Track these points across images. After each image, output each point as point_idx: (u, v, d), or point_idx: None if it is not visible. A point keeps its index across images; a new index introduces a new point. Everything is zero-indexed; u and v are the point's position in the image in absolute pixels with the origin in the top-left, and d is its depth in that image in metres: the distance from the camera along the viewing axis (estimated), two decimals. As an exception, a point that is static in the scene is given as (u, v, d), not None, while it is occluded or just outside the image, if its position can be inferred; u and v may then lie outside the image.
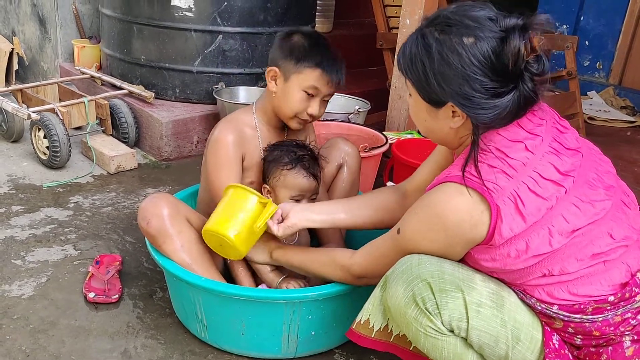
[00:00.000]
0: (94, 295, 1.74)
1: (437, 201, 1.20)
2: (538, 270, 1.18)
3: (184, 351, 1.59)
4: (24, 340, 1.58)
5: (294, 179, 1.65)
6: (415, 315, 1.20)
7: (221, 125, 1.70)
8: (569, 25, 4.60)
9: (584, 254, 1.17)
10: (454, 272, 1.21)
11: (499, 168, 1.16)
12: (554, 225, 1.15)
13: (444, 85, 1.16)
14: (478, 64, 1.12)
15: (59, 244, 2.04)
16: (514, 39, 1.10)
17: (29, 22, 3.64)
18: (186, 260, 1.56)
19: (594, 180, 1.22)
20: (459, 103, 1.16)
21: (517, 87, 1.14)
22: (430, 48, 1.16)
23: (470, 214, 1.15)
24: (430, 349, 1.22)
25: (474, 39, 1.12)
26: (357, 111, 2.78)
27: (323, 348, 1.62)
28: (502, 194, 1.14)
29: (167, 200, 1.57)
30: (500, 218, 1.14)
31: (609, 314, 1.16)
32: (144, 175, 2.65)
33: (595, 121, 3.92)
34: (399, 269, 1.25)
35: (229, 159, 1.66)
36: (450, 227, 1.18)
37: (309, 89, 1.62)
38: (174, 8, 2.76)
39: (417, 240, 1.25)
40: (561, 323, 1.19)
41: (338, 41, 3.88)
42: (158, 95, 2.93)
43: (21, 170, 2.58)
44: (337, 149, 1.87)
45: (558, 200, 1.16)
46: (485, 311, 1.18)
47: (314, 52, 1.61)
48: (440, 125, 1.25)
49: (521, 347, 1.20)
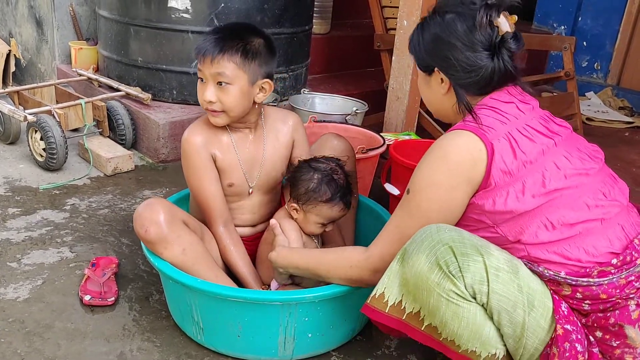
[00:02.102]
0: (89, 298, 1.73)
1: (440, 144, 1.33)
2: (538, 218, 1.26)
3: (180, 354, 1.59)
4: (19, 343, 1.57)
5: (331, 211, 1.66)
6: (438, 279, 1.23)
7: (190, 128, 1.69)
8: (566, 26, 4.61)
9: (579, 205, 1.27)
10: (472, 238, 1.26)
11: (493, 117, 1.32)
12: (547, 169, 1.28)
13: (430, 51, 1.40)
14: (455, 33, 1.34)
15: (55, 247, 2.04)
16: (480, 13, 1.31)
17: (26, 24, 3.64)
18: (188, 263, 1.55)
19: (581, 147, 1.37)
20: (440, 66, 1.38)
21: (492, 57, 1.33)
22: (424, 25, 1.42)
23: (469, 152, 1.28)
24: (450, 318, 1.24)
25: (454, 14, 1.36)
26: (354, 112, 2.78)
27: (320, 350, 1.62)
28: (497, 134, 1.29)
29: (162, 205, 1.56)
30: (496, 155, 1.26)
31: (613, 277, 1.23)
32: (141, 177, 2.64)
33: (594, 122, 3.92)
34: (418, 238, 1.29)
35: (200, 161, 1.66)
36: (453, 166, 1.29)
37: (198, 72, 1.63)
38: (171, 9, 2.75)
39: (424, 189, 1.33)
40: (569, 289, 1.25)
41: (335, 42, 3.90)
42: (155, 97, 2.92)
43: (17, 172, 2.57)
44: (330, 147, 1.85)
45: (549, 148, 1.30)
46: (503, 275, 1.22)
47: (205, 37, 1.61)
48: (435, 93, 1.44)
49: (535, 313, 1.23)
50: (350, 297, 1.54)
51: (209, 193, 1.67)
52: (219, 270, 1.63)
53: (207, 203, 1.68)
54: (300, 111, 2.78)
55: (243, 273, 1.68)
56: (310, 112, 2.71)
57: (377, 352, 1.65)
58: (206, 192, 1.67)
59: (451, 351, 1.28)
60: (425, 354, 1.64)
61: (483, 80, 1.35)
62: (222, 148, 1.69)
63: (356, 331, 1.68)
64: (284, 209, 1.75)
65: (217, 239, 1.70)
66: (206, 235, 1.70)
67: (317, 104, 3.06)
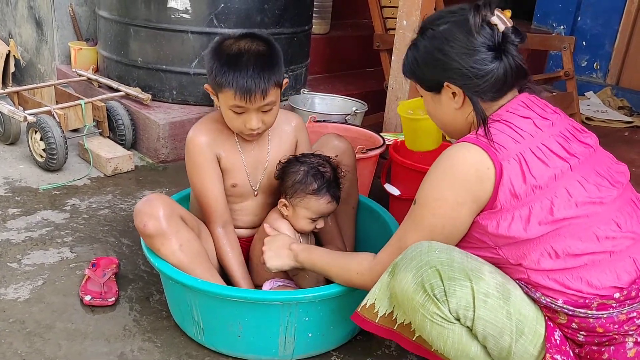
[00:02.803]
0: (90, 298, 1.73)
1: (447, 156, 1.29)
2: (542, 246, 1.21)
3: (180, 354, 1.59)
4: (20, 343, 1.58)
5: (318, 204, 1.66)
6: (422, 301, 1.21)
7: (195, 127, 1.69)
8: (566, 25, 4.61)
9: (588, 235, 1.21)
10: (463, 261, 1.23)
11: (506, 134, 1.25)
12: (557, 196, 1.21)
13: (434, 68, 1.34)
14: (457, 41, 1.29)
15: (55, 247, 2.04)
16: (471, 14, 1.28)
17: (25, 24, 3.64)
18: (185, 260, 1.55)
19: (602, 171, 1.29)
20: (450, 78, 1.32)
21: (500, 56, 1.28)
22: (419, 45, 1.37)
23: (476, 167, 1.23)
24: (436, 337, 1.23)
25: (447, 25, 1.32)
26: (354, 112, 2.78)
27: (320, 350, 1.62)
28: (508, 154, 1.23)
29: (162, 200, 1.57)
30: (505, 176, 1.21)
31: (614, 311, 1.17)
32: (141, 177, 2.64)
33: (593, 122, 3.92)
34: (408, 255, 1.27)
35: (204, 160, 1.66)
36: (459, 182, 1.25)
37: (234, 107, 1.57)
38: (170, 10, 2.75)
39: (430, 203, 1.30)
40: (565, 318, 1.21)
41: (335, 42, 3.90)
42: (155, 97, 2.92)
43: (18, 173, 2.57)
44: (331, 147, 1.85)
45: (563, 173, 1.23)
46: (492, 302, 1.19)
47: (228, 73, 1.52)
48: (447, 110, 1.38)
49: (524, 340, 1.21)
50: (351, 297, 1.54)
51: (211, 193, 1.67)
52: (213, 269, 1.64)
53: (208, 203, 1.68)
54: (300, 111, 2.78)
55: (236, 276, 1.68)
56: (310, 112, 2.72)
57: (377, 352, 1.65)
58: (208, 192, 1.68)
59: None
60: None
61: (498, 82, 1.29)
62: (226, 149, 1.69)
63: (356, 331, 1.68)
64: (276, 210, 1.74)
65: (215, 239, 1.70)
66: (203, 233, 1.70)
67: (316, 104, 3.06)
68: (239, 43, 1.56)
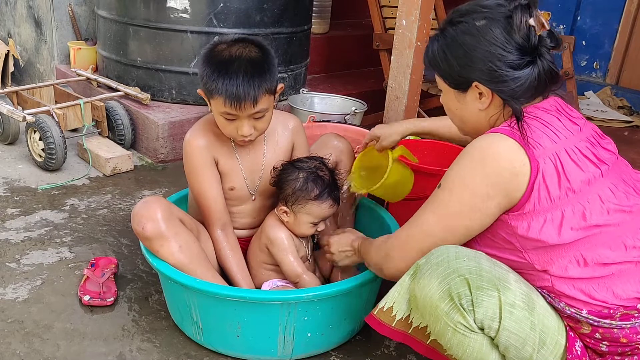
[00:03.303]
0: (89, 298, 1.73)
1: (480, 147, 1.22)
2: (571, 252, 1.18)
3: (179, 354, 1.58)
4: (18, 344, 1.57)
5: (320, 209, 1.64)
6: (447, 310, 1.18)
7: (193, 129, 1.69)
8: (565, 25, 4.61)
9: (617, 244, 1.19)
10: (491, 269, 1.19)
11: (542, 132, 1.20)
12: (590, 202, 1.18)
13: (465, 66, 1.26)
14: (492, 40, 1.22)
15: (54, 247, 2.03)
16: (518, 14, 1.21)
17: (24, 24, 3.63)
18: (184, 261, 1.55)
19: (627, 179, 1.28)
20: (481, 79, 1.25)
21: (535, 60, 1.23)
22: (448, 37, 1.28)
23: (511, 161, 1.17)
24: (456, 345, 1.20)
25: (485, 21, 1.23)
26: (353, 112, 2.78)
27: (319, 350, 1.62)
28: (544, 152, 1.18)
29: (160, 203, 1.56)
30: (540, 175, 1.17)
31: (636, 321, 1.16)
32: (140, 177, 2.64)
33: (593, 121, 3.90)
34: (433, 260, 1.22)
35: (202, 163, 1.66)
36: (491, 173, 1.19)
37: (224, 114, 1.55)
38: (169, 9, 2.75)
39: (456, 189, 1.23)
40: (589, 328, 1.19)
41: (335, 42, 3.90)
42: (154, 97, 2.92)
43: (16, 173, 2.57)
44: (330, 147, 1.85)
45: (595, 178, 1.20)
46: (517, 313, 1.16)
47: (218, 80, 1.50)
48: (470, 109, 1.31)
49: (545, 351, 1.19)
50: (350, 297, 1.54)
51: (210, 195, 1.67)
52: (213, 270, 1.63)
53: (207, 205, 1.68)
54: (299, 111, 2.78)
55: (237, 277, 1.67)
56: (310, 112, 2.71)
57: (376, 352, 1.65)
58: (207, 194, 1.67)
59: None
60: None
61: (532, 87, 1.24)
62: (223, 153, 1.69)
63: (355, 331, 1.68)
64: (273, 214, 1.72)
65: (214, 241, 1.70)
66: (202, 235, 1.70)
67: (316, 104, 3.06)
68: (230, 49, 1.53)
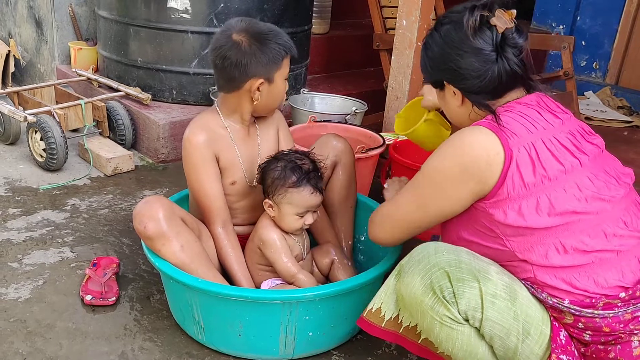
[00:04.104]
0: (91, 298, 1.74)
1: (459, 137, 1.29)
2: (550, 239, 1.21)
3: (181, 353, 1.59)
4: (21, 343, 1.58)
5: (300, 197, 1.63)
6: (432, 303, 1.21)
7: (191, 127, 1.70)
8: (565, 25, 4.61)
9: (597, 232, 1.21)
10: (470, 261, 1.23)
11: (519, 122, 1.26)
12: (566, 190, 1.22)
13: (435, 66, 1.38)
14: (452, 42, 1.31)
15: (55, 247, 2.04)
16: (467, 16, 1.29)
17: (25, 24, 3.64)
18: (186, 261, 1.55)
19: (610, 170, 1.30)
20: (447, 78, 1.36)
21: (497, 58, 1.29)
22: (426, 42, 1.40)
23: (485, 150, 1.23)
24: (444, 339, 1.23)
25: (449, 25, 1.33)
26: (354, 112, 2.79)
27: (321, 349, 1.62)
28: (519, 142, 1.23)
29: (161, 202, 1.57)
30: (514, 163, 1.21)
31: (619, 310, 1.18)
32: (141, 177, 2.64)
33: (592, 121, 3.92)
34: (415, 257, 1.27)
35: (203, 159, 1.66)
36: (465, 161, 1.25)
37: (287, 75, 1.70)
38: (170, 10, 2.75)
39: (431, 173, 1.32)
40: (572, 318, 1.21)
41: (335, 42, 3.90)
42: (155, 97, 2.92)
43: (18, 173, 2.58)
44: (330, 147, 1.86)
45: (573, 168, 1.24)
46: (499, 303, 1.20)
47: (280, 46, 1.64)
48: (451, 106, 1.41)
49: (530, 341, 1.21)
50: (351, 296, 1.55)
51: (210, 192, 1.68)
52: (215, 269, 1.64)
53: (207, 202, 1.68)
54: (299, 111, 2.78)
55: (237, 276, 1.68)
56: (310, 112, 2.72)
57: (377, 352, 1.66)
58: (207, 191, 1.68)
59: None
60: (426, 353, 1.65)
61: (491, 84, 1.30)
62: (223, 147, 1.70)
63: (357, 330, 1.68)
64: (266, 215, 1.71)
65: (215, 239, 1.70)
66: (203, 234, 1.70)
67: (316, 104, 3.06)
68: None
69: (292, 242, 1.71)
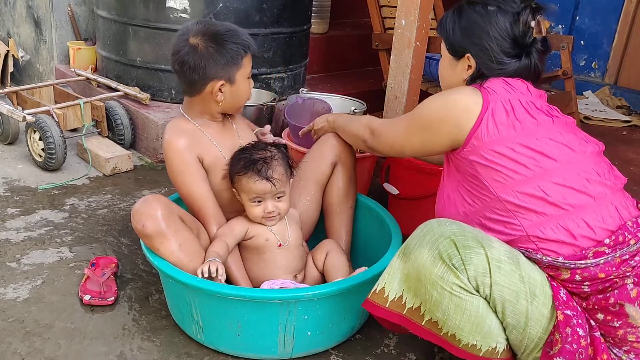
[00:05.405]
0: (89, 298, 1.74)
1: (449, 91, 1.46)
2: (529, 185, 1.31)
3: (180, 353, 1.59)
4: (19, 343, 1.58)
5: (247, 183, 1.66)
6: (441, 273, 1.25)
7: (169, 132, 1.71)
8: (564, 25, 4.61)
9: (572, 175, 1.32)
10: (472, 230, 1.29)
11: (500, 85, 1.41)
12: (538, 139, 1.34)
13: (465, 37, 1.47)
14: (496, 25, 1.42)
15: (54, 247, 2.04)
16: (526, 12, 1.41)
17: (24, 24, 3.64)
18: (184, 259, 1.56)
19: (579, 134, 1.42)
20: (474, 53, 1.46)
21: (524, 55, 1.43)
22: (461, 11, 1.49)
23: (467, 98, 1.39)
24: (453, 311, 1.26)
25: (496, 8, 1.44)
26: (353, 112, 2.78)
27: (319, 348, 1.62)
28: (498, 97, 1.38)
29: (160, 201, 1.56)
30: (489, 111, 1.35)
31: (608, 256, 1.26)
32: (140, 177, 2.64)
33: (591, 121, 3.93)
34: (419, 233, 1.32)
35: (187, 163, 1.67)
36: (448, 105, 1.41)
37: (249, 73, 1.71)
38: (169, 9, 2.75)
39: (421, 111, 1.49)
40: (568, 272, 1.28)
41: (334, 42, 3.90)
42: (154, 97, 2.92)
43: (16, 173, 2.57)
44: (329, 146, 1.86)
45: (545, 123, 1.37)
46: (505, 267, 1.25)
47: (237, 45, 1.64)
48: (456, 76, 1.52)
49: (537, 302, 1.26)
50: (350, 295, 1.55)
51: (199, 195, 1.68)
52: None
53: (199, 206, 1.69)
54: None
55: (235, 275, 1.68)
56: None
57: (376, 351, 1.66)
58: (196, 195, 1.68)
59: (451, 346, 1.30)
60: (424, 353, 1.65)
61: (508, 74, 1.43)
62: (205, 148, 1.71)
63: (355, 329, 1.68)
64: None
65: (212, 239, 1.70)
66: (202, 233, 1.70)
67: (315, 104, 3.06)
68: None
69: (261, 230, 1.71)
